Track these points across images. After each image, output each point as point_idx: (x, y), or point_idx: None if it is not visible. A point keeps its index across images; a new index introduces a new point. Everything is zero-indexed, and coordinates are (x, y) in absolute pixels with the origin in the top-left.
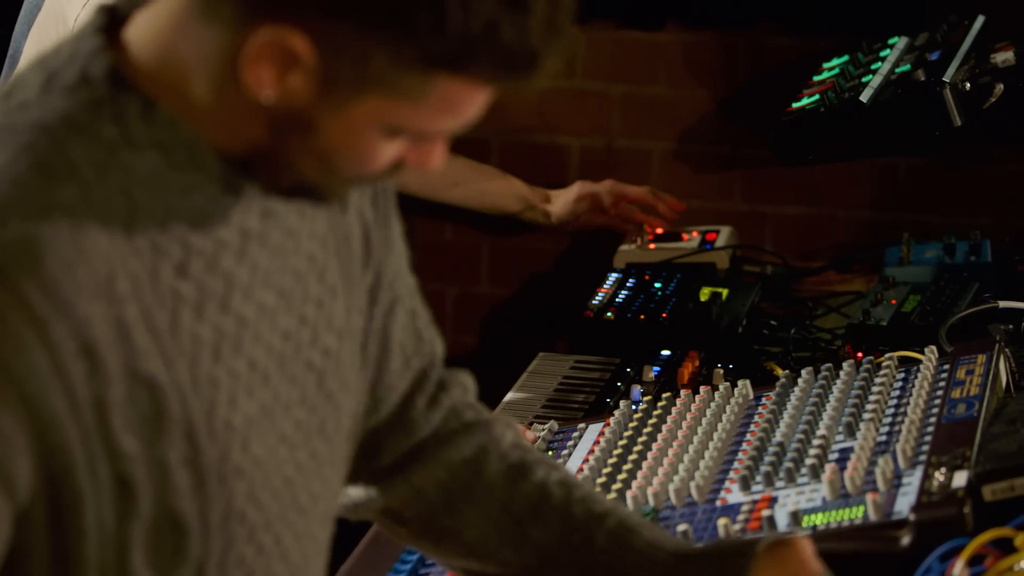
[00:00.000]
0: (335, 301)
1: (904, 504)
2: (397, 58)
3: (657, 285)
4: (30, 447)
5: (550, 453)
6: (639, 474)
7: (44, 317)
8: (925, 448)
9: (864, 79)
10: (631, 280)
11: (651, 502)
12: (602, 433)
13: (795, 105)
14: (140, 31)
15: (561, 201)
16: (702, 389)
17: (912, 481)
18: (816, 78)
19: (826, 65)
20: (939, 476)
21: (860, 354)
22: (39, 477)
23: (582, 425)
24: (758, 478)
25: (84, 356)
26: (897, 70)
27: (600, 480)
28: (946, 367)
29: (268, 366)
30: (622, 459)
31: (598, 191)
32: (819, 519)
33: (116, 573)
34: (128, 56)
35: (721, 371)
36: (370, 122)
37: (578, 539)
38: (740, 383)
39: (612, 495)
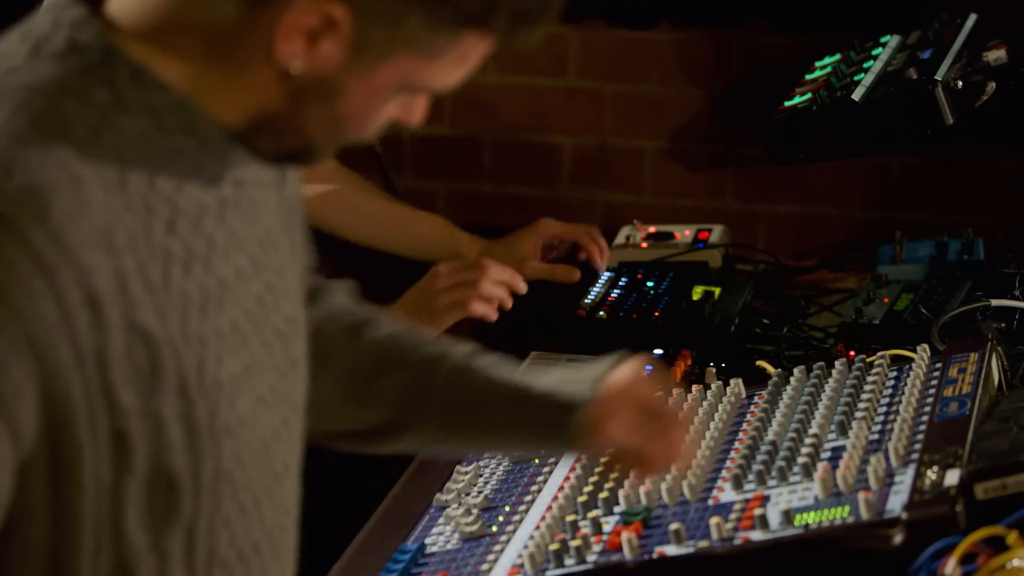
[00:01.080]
0: (289, 272)
1: (896, 503)
2: (431, 18)
3: (650, 284)
4: (37, 396)
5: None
6: (631, 473)
7: (51, 264)
8: (917, 447)
9: (856, 78)
10: (623, 279)
11: (643, 501)
12: None
13: (788, 104)
14: (126, 1)
15: (529, 264)
16: (694, 388)
17: (904, 479)
18: (808, 77)
19: (818, 64)
20: (931, 474)
21: (852, 352)
22: (41, 429)
23: None
24: (750, 477)
25: (88, 306)
26: (889, 69)
27: (592, 479)
28: (938, 365)
29: (246, 328)
30: None
31: (546, 239)
32: (811, 518)
33: (111, 532)
34: (115, 23)
35: (713, 370)
36: (392, 83)
37: (427, 375)
38: (732, 382)
39: (604, 494)
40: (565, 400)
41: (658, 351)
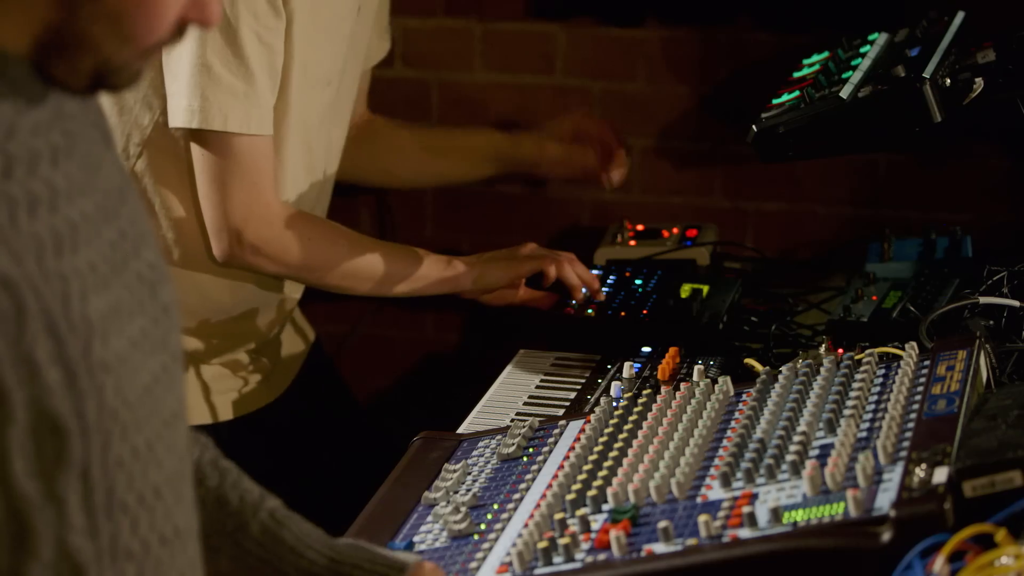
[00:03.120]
0: (137, 222)
1: (885, 500)
2: None
3: (638, 282)
4: None
5: (531, 450)
6: (619, 471)
7: None
8: (906, 444)
9: (844, 75)
10: (612, 277)
11: (632, 499)
12: (583, 430)
13: (775, 101)
14: None
15: (534, 145)
16: (683, 386)
17: (893, 477)
18: (796, 74)
19: (806, 61)
20: (919, 472)
21: (841, 350)
22: None
23: (563, 422)
24: (739, 474)
25: None
26: (877, 66)
27: (581, 477)
28: (926, 363)
29: (105, 270)
30: (603, 456)
31: (568, 126)
32: (799, 515)
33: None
34: None
35: (702, 367)
36: None
37: (232, 525)
38: (721, 379)
39: (593, 492)
40: (390, 562)
41: (646, 349)
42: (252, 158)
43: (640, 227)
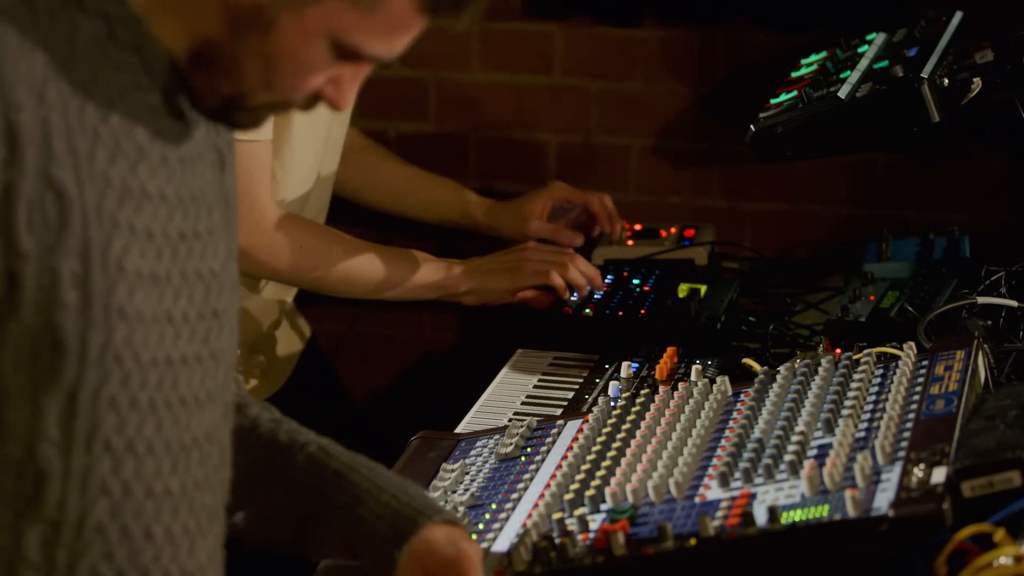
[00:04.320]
0: (218, 238)
1: (883, 500)
2: None
3: (636, 281)
4: None
5: (529, 450)
6: (618, 470)
7: None
8: (904, 444)
9: (842, 75)
10: (610, 276)
11: (630, 498)
12: (581, 430)
13: (773, 101)
14: None
15: (534, 223)
16: (681, 385)
17: (891, 477)
18: (794, 74)
19: (804, 61)
20: (918, 472)
21: (839, 350)
22: None
23: (561, 422)
24: (737, 474)
25: (6, 141)
26: (875, 66)
27: (579, 476)
28: (925, 363)
29: (163, 245)
30: (601, 455)
31: (556, 201)
32: (798, 515)
33: None
34: None
35: (700, 367)
36: (323, 28)
37: (280, 460)
38: (719, 379)
39: (591, 492)
40: (416, 513)
41: (644, 348)
42: (247, 163)
43: (638, 227)
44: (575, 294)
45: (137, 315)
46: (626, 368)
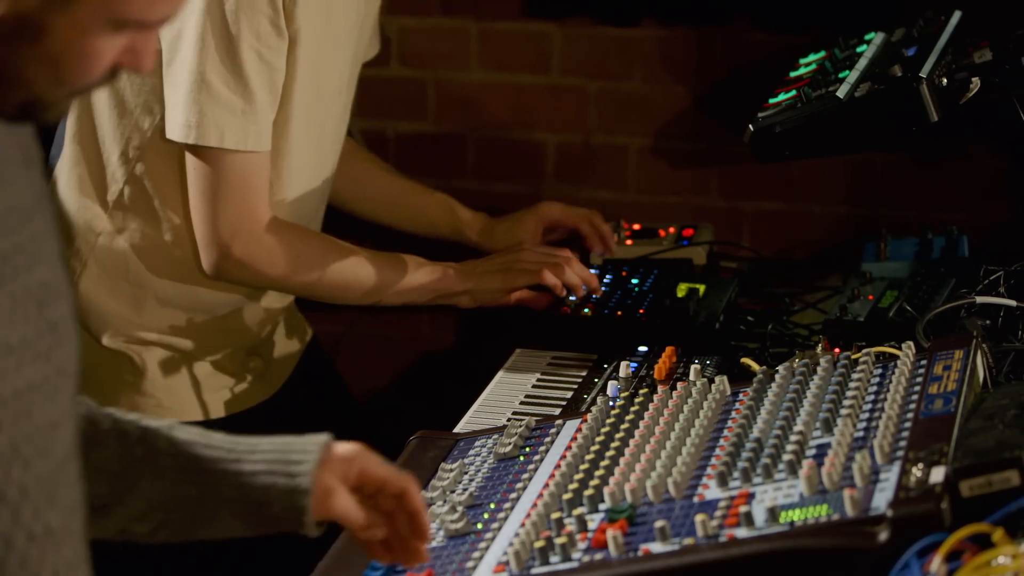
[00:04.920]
0: (43, 243)
1: (882, 500)
2: None
3: (634, 281)
4: None
5: (527, 450)
6: (616, 470)
7: None
8: (902, 444)
9: (841, 75)
10: (608, 276)
11: (629, 498)
12: (579, 430)
13: (772, 101)
14: None
15: (527, 245)
16: (679, 385)
17: (889, 477)
18: (793, 74)
19: (803, 61)
20: (916, 472)
21: (837, 350)
22: None
23: (559, 421)
24: (735, 474)
25: None
26: (874, 66)
27: (577, 476)
28: (923, 363)
29: None
30: (599, 455)
31: (547, 223)
32: (796, 515)
33: None
34: None
35: (698, 367)
36: (96, 18)
37: (142, 450)
38: (717, 379)
39: (589, 491)
40: (288, 476)
41: (643, 348)
42: (245, 174)
43: (636, 226)
44: (572, 296)
45: None
46: (625, 368)
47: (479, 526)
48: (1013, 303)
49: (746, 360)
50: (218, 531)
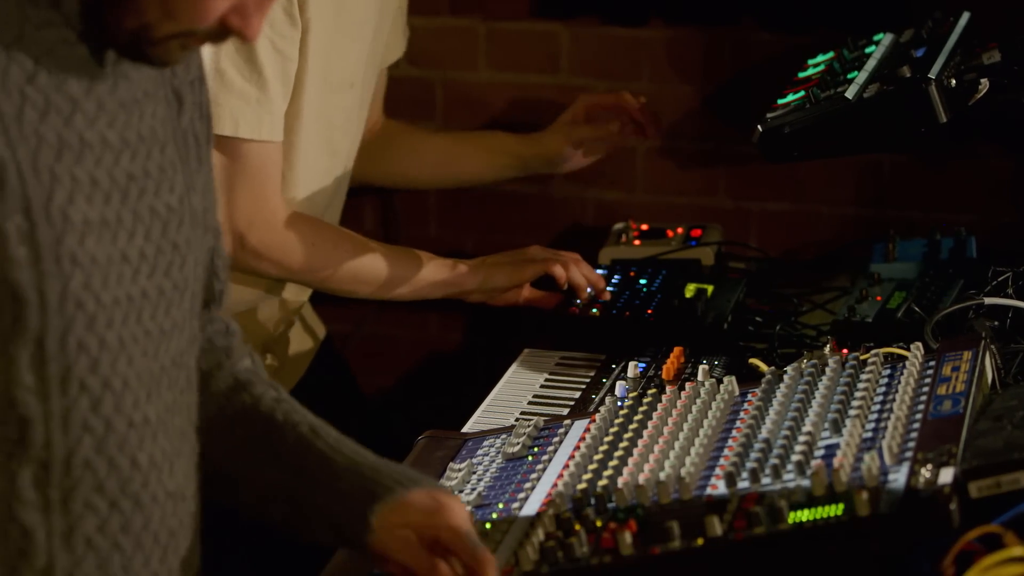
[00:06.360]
0: (176, 174)
1: (890, 501)
2: None
3: (642, 281)
4: None
5: (536, 450)
6: (625, 470)
7: None
8: (911, 445)
9: (849, 75)
10: (616, 276)
11: (637, 498)
12: (588, 430)
13: (780, 101)
14: None
15: (557, 136)
16: (688, 385)
17: (898, 478)
18: (801, 75)
19: (811, 62)
20: (925, 473)
21: (846, 350)
22: None
23: (568, 422)
24: (744, 474)
25: None
26: (882, 67)
27: (586, 476)
28: (932, 363)
29: (110, 189)
30: (608, 455)
31: (580, 109)
32: (805, 515)
33: None
34: None
35: (706, 367)
36: None
37: (274, 438)
38: (726, 379)
39: (598, 491)
40: (387, 478)
41: (651, 348)
42: (260, 163)
43: (644, 227)
44: (577, 299)
45: (91, 259)
46: (633, 368)
47: (487, 526)
48: (1022, 304)
49: (754, 360)
50: (306, 534)
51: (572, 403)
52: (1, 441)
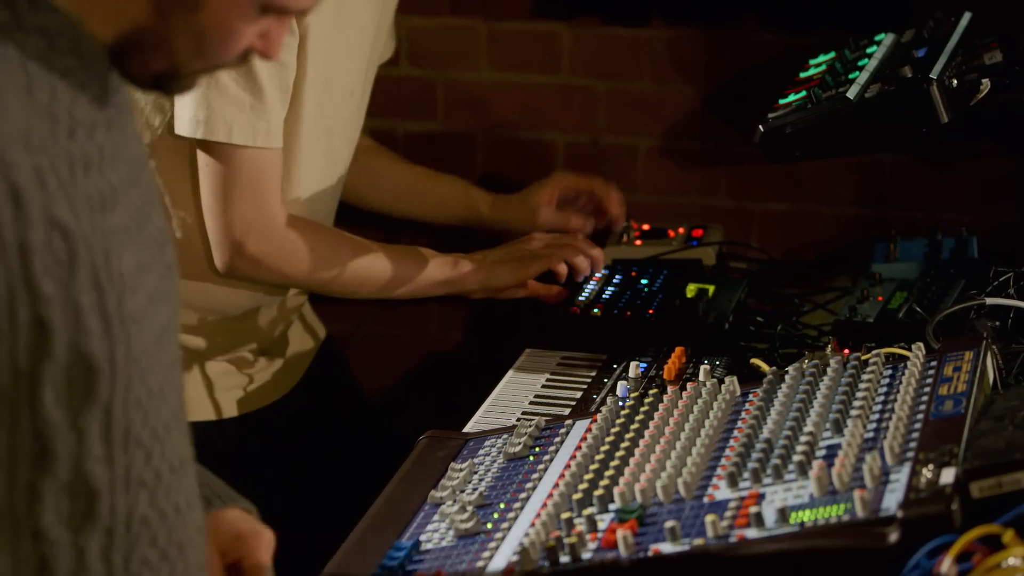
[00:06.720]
0: (156, 188)
1: (892, 501)
2: None
3: (644, 281)
4: None
5: (537, 449)
6: (626, 471)
7: None
8: (913, 445)
9: (851, 76)
10: (618, 276)
11: (638, 499)
12: (589, 430)
13: (782, 102)
14: None
15: (543, 211)
16: (689, 386)
17: (900, 478)
18: (803, 75)
19: (812, 62)
20: (927, 473)
21: (847, 351)
22: None
23: (569, 422)
24: (745, 474)
25: (11, 200)
26: (884, 67)
27: (587, 476)
28: (933, 364)
29: (133, 230)
30: (609, 456)
31: (562, 190)
32: (806, 516)
33: (27, 408)
34: None
35: (708, 367)
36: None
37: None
38: (727, 379)
39: (599, 492)
40: None
41: (652, 348)
42: (256, 170)
43: (646, 227)
44: (585, 287)
45: (139, 310)
46: (634, 368)
47: (489, 526)
48: (1023, 304)
49: (756, 361)
50: None
51: (573, 403)
52: (68, 517)
